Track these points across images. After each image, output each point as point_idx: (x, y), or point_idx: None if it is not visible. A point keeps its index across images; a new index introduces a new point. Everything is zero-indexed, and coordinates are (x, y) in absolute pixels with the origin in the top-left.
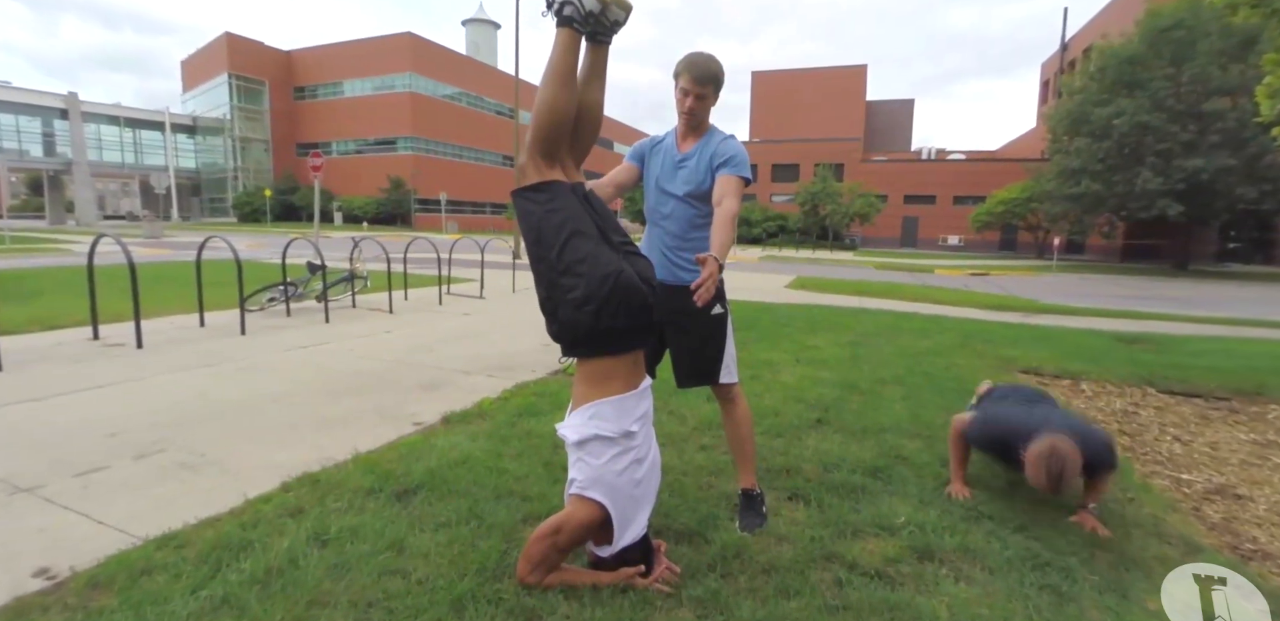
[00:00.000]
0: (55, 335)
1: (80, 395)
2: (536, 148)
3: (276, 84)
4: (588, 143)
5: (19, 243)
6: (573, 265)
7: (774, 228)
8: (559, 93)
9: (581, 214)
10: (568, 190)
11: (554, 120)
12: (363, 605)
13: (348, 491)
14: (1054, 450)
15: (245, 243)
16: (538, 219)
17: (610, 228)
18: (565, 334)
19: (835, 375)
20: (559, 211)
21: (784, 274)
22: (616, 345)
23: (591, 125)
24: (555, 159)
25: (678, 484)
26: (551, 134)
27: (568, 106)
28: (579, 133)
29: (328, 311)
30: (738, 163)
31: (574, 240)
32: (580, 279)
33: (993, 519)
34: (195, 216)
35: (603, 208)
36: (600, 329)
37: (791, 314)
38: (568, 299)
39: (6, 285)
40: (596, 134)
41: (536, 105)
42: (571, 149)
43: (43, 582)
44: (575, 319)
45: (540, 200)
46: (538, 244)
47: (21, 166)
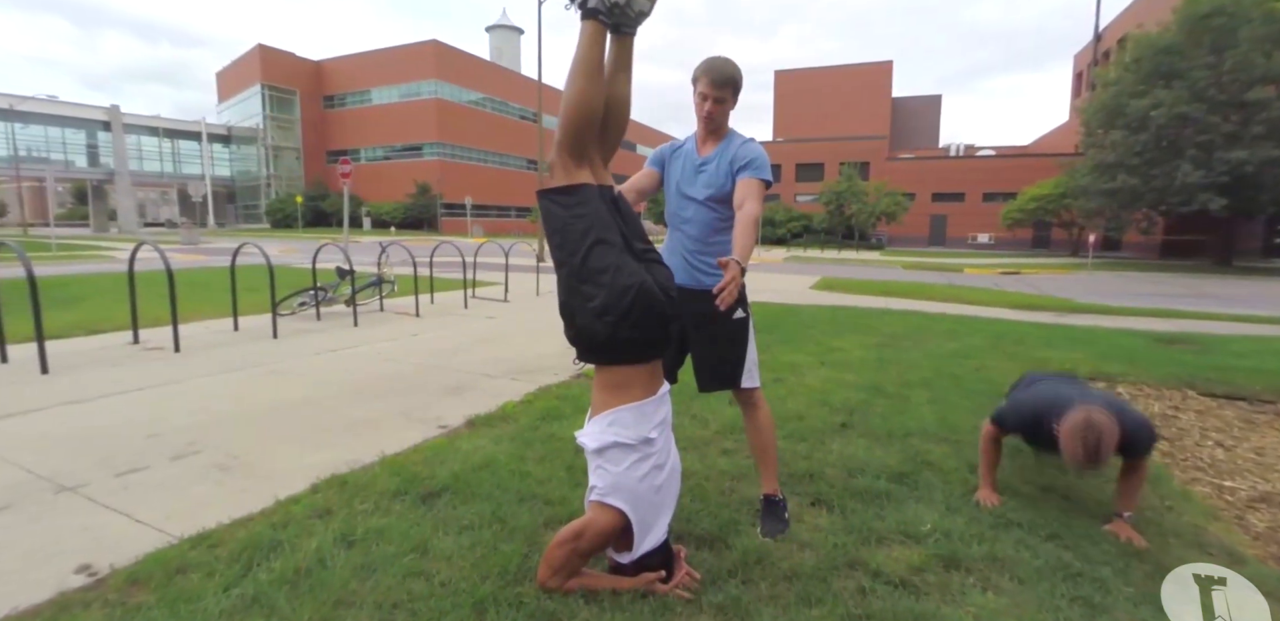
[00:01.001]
0: (98, 339)
1: (121, 397)
2: (565, 145)
3: (307, 93)
4: (615, 138)
5: (65, 250)
6: (594, 274)
7: (798, 228)
8: (587, 87)
9: (607, 220)
10: (595, 194)
11: (583, 115)
12: (387, 606)
13: (374, 493)
14: (1090, 421)
15: (277, 248)
16: (562, 223)
17: (634, 234)
18: (582, 340)
19: (860, 378)
20: (584, 217)
21: (808, 275)
22: (632, 355)
23: (619, 120)
24: (584, 157)
25: (699, 488)
26: (581, 130)
27: (596, 101)
28: (607, 128)
29: (356, 315)
30: (758, 165)
31: (597, 248)
32: (601, 289)
33: (1022, 527)
34: (230, 223)
35: (629, 212)
36: (617, 339)
37: (816, 315)
38: (587, 307)
39: (53, 291)
40: (624, 129)
41: (564, 101)
42: (599, 145)
43: (85, 579)
44: (593, 328)
45: (566, 203)
46: (560, 248)
47: (68, 177)
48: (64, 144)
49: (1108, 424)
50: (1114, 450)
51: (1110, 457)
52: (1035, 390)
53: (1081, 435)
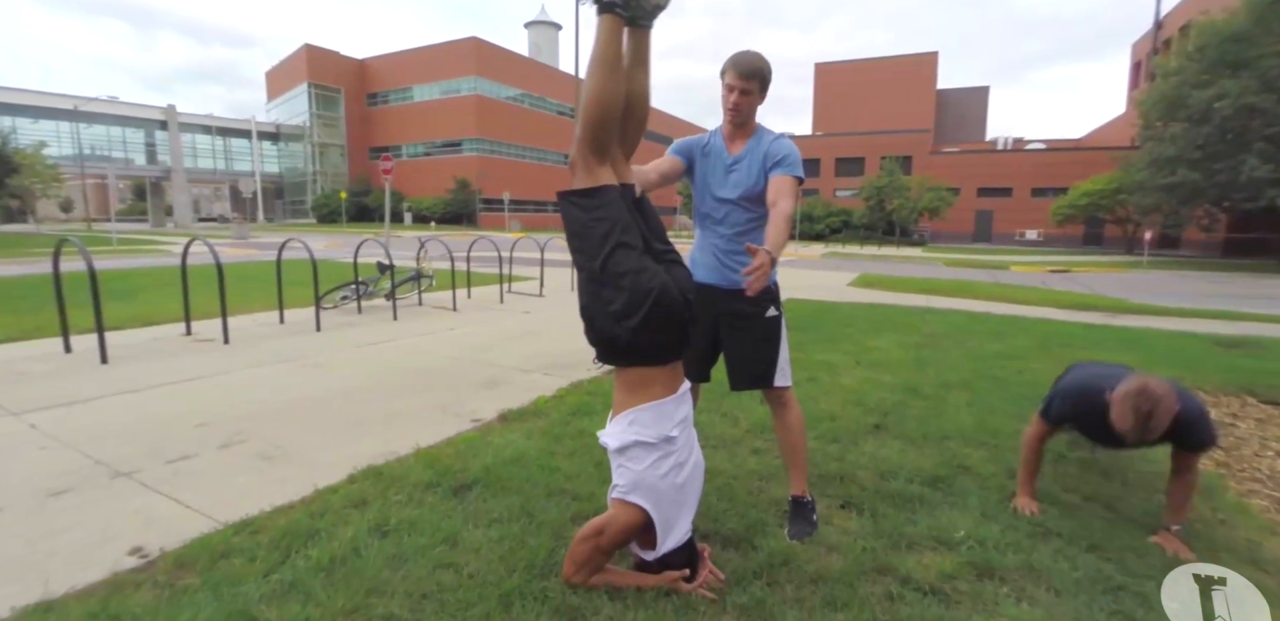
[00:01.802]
0: (153, 330)
1: (174, 387)
2: (586, 142)
3: (351, 91)
4: (636, 134)
5: (125, 244)
6: (614, 278)
7: (837, 223)
8: (606, 82)
9: (628, 222)
10: (616, 195)
11: (603, 111)
12: (417, 596)
13: (408, 485)
14: (1145, 389)
15: (323, 242)
16: (581, 225)
17: (655, 234)
18: (602, 343)
19: (897, 378)
20: (604, 220)
21: (847, 271)
22: (651, 358)
23: (639, 115)
24: (606, 154)
25: (727, 487)
26: (601, 127)
27: (616, 96)
28: (627, 124)
29: (395, 309)
30: (791, 162)
31: (618, 252)
32: (621, 292)
33: (1062, 536)
34: (278, 218)
35: (650, 211)
36: (637, 342)
37: (854, 313)
38: (607, 311)
39: (113, 284)
40: (644, 124)
41: (584, 98)
42: (621, 141)
43: (136, 561)
44: (612, 331)
45: (586, 206)
46: (579, 252)
47: (128, 174)
48: (124, 143)
49: (1165, 394)
50: (1167, 423)
51: (1161, 431)
52: (1084, 370)
53: (1134, 401)
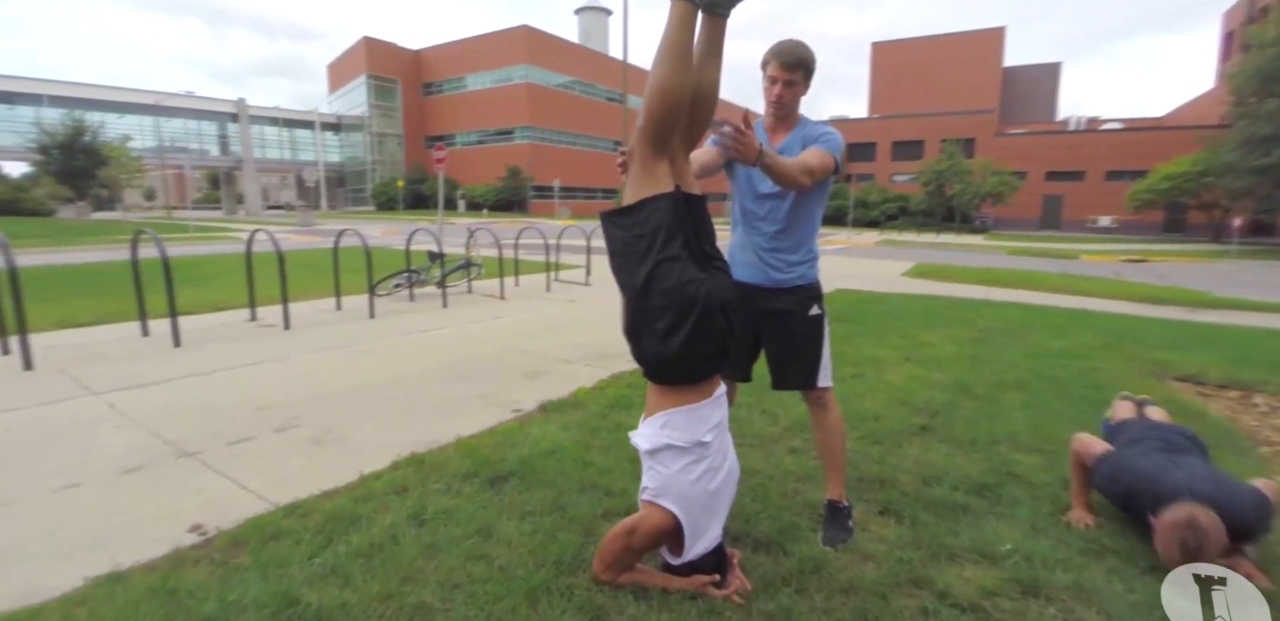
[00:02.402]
0: (222, 316)
1: (238, 371)
2: (647, 135)
3: (407, 81)
4: (702, 126)
5: (200, 231)
6: (659, 294)
7: (894, 210)
8: (673, 73)
9: (671, 231)
10: (663, 203)
11: (667, 104)
12: (449, 586)
13: (447, 474)
14: (1192, 523)
15: (381, 229)
16: (622, 244)
17: (705, 237)
18: (648, 362)
19: (948, 376)
20: (643, 237)
21: (902, 260)
22: (696, 374)
23: (707, 107)
24: (665, 148)
25: (761, 488)
26: (664, 120)
27: (682, 88)
28: (693, 116)
29: (445, 297)
30: (829, 141)
31: (660, 267)
32: (667, 310)
33: (1118, 555)
34: (340, 206)
35: (701, 213)
36: (684, 358)
37: (906, 306)
38: (653, 329)
39: (187, 270)
40: (711, 116)
41: (648, 88)
42: (684, 134)
43: (195, 538)
44: (659, 350)
45: (626, 224)
46: (622, 270)
47: (203, 164)
48: (199, 135)
49: (1213, 530)
50: (1216, 555)
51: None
52: (1138, 464)
53: (1180, 535)
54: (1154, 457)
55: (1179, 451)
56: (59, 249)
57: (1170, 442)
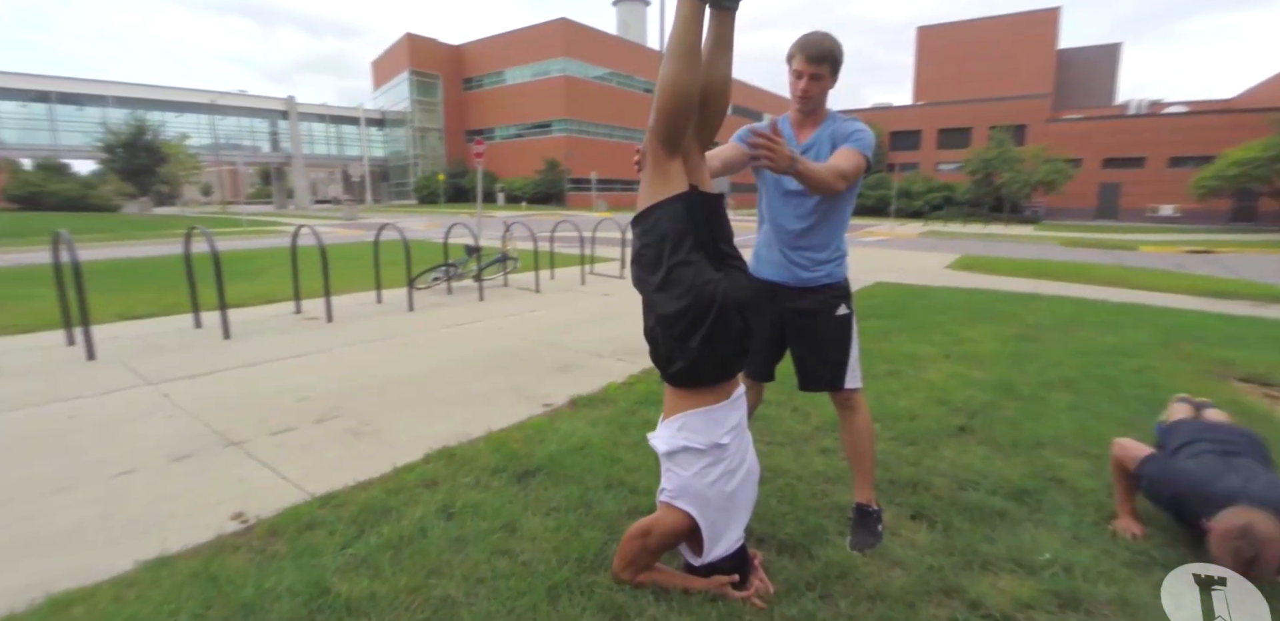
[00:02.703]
0: (270, 308)
1: (282, 363)
2: (659, 133)
3: (448, 76)
4: (715, 122)
5: (253, 225)
6: (673, 299)
7: (938, 199)
8: (682, 71)
9: (681, 233)
10: (671, 212)
11: (677, 103)
12: (473, 580)
13: (476, 468)
14: (1249, 531)
15: (423, 223)
16: (638, 250)
17: (722, 236)
18: (667, 364)
19: (991, 375)
20: (652, 246)
21: (946, 252)
22: (715, 376)
23: (718, 104)
24: (677, 146)
25: (789, 489)
26: (674, 118)
27: (691, 86)
28: (705, 112)
29: (481, 290)
30: (860, 138)
31: (674, 272)
32: (683, 314)
33: (1166, 567)
34: (384, 200)
35: (717, 211)
36: (701, 360)
37: (948, 300)
38: (671, 332)
39: (239, 264)
40: (724, 112)
41: (658, 86)
42: (698, 130)
43: (237, 525)
44: (677, 354)
45: (638, 233)
46: (639, 278)
47: (255, 160)
48: (251, 132)
49: (1272, 536)
50: (1274, 565)
51: (1269, 575)
52: (1188, 467)
53: (1235, 544)
54: (1205, 460)
55: (1235, 453)
56: (122, 243)
57: (1226, 444)
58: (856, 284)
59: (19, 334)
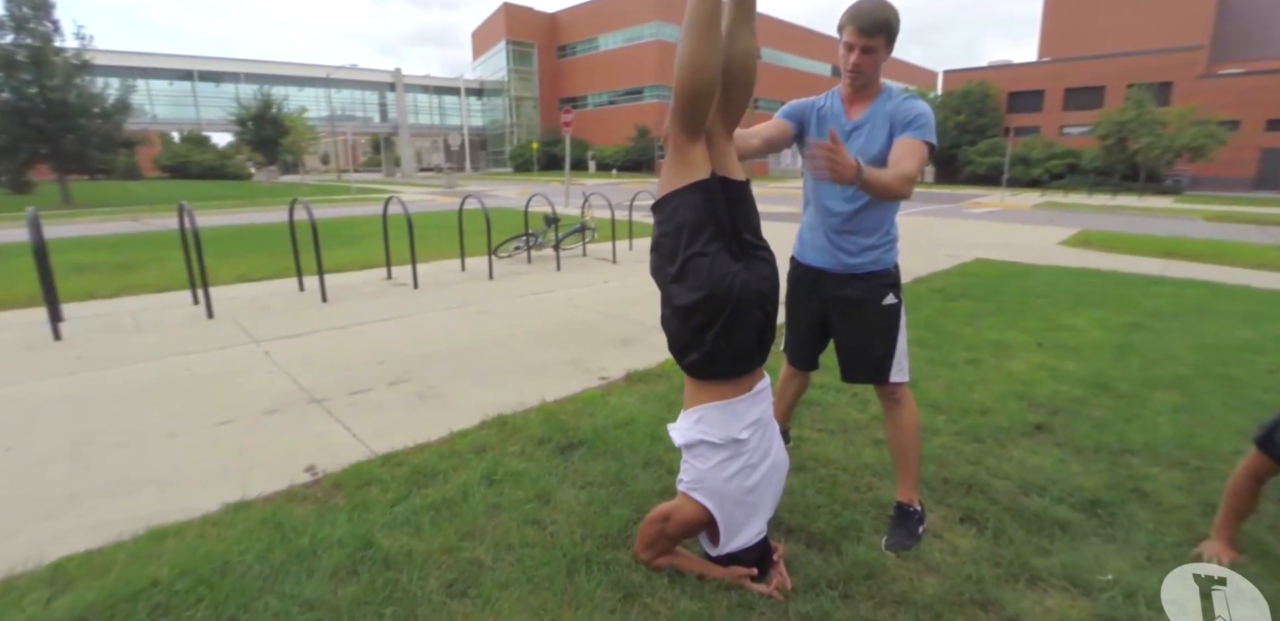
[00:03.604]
0: (365, 274)
1: (369, 326)
2: (678, 115)
3: (543, 45)
4: (740, 102)
5: (361, 193)
6: (689, 291)
7: (1060, 167)
8: (699, 47)
9: (700, 223)
10: (689, 200)
11: (695, 82)
12: (503, 546)
13: (524, 437)
14: None
15: (516, 190)
16: (656, 237)
17: (745, 224)
18: (682, 355)
19: (1086, 368)
20: (669, 235)
21: (1063, 226)
22: (732, 369)
23: (743, 81)
24: (698, 129)
25: (830, 480)
26: (694, 99)
27: (711, 64)
28: (729, 91)
29: (559, 260)
30: (923, 124)
31: (690, 263)
32: (699, 306)
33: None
34: (482, 168)
35: (741, 199)
36: (716, 354)
37: (1053, 280)
38: (687, 324)
39: (343, 231)
40: (750, 91)
41: (676, 65)
42: (722, 111)
43: (308, 477)
44: (693, 346)
45: (658, 220)
46: (656, 268)
47: (365, 131)
48: (363, 104)
49: None
50: None
51: None
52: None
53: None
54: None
55: None
56: (250, 209)
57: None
58: (952, 260)
59: (156, 293)
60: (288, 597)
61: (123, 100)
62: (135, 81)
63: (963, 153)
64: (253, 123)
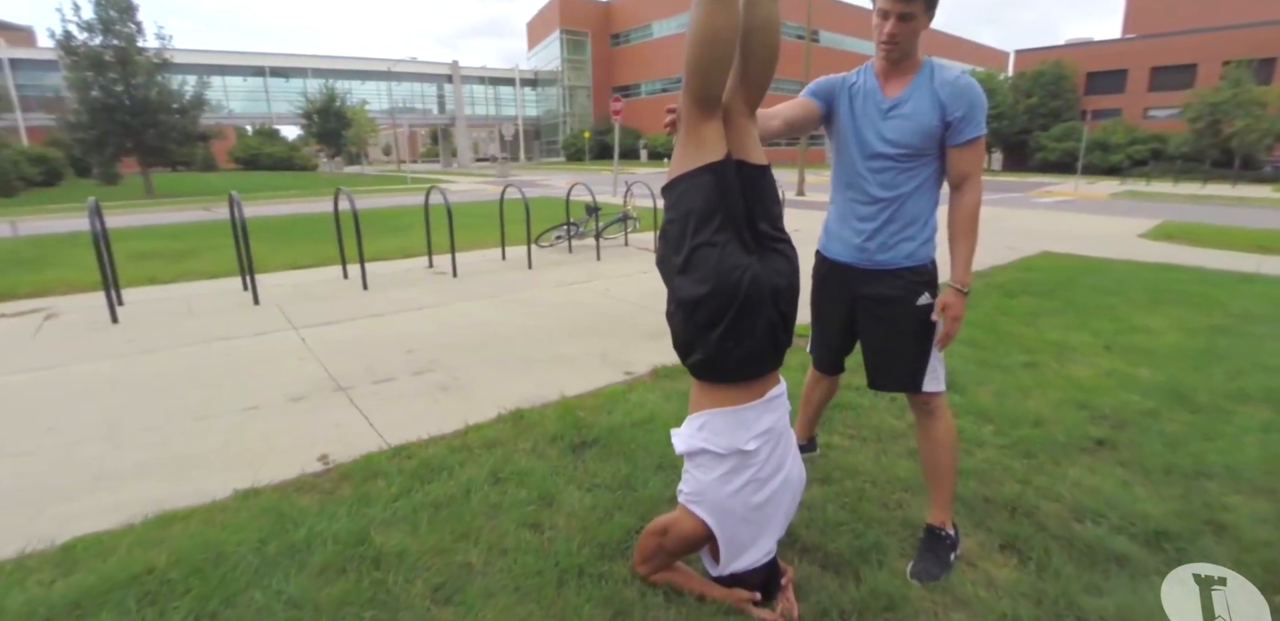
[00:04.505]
0: (408, 262)
1: (403, 315)
2: (690, 90)
3: (596, 33)
4: (762, 76)
5: (415, 182)
6: (695, 283)
7: (1144, 153)
8: (711, 13)
9: (706, 215)
10: (699, 183)
11: (706, 54)
12: (497, 550)
13: (537, 434)
14: None
15: (565, 180)
16: (664, 223)
17: (762, 213)
18: (685, 354)
19: (1161, 375)
20: (675, 221)
21: (1143, 216)
22: (740, 372)
23: (764, 53)
24: (712, 105)
25: (857, 493)
26: (706, 72)
27: (724, 32)
28: (748, 64)
29: (599, 249)
30: (979, 117)
31: (697, 254)
32: (704, 300)
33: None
34: (536, 157)
35: (764, 187)
36: (722, 354)
37: (1129, 276)
38: (692, 321)
39: (390, 220)
40: (772, 64)
41: (687, 33)
42: (741, 86)
43: (320, 466)
44: (696, 345)
45: (667, 204)
46: (662, 259)
47: (424, 122)
48: (422, 96)
49: None
50: None
51: None
52: None
53: None
54: None
55: None
56: (309, 199)
57: None
58: (1015, 253)
59: (211, 279)
60: (273, 593)
61: (198, 96)
62: (212, 78)
63: (1033, 138)
64: (318, 116)
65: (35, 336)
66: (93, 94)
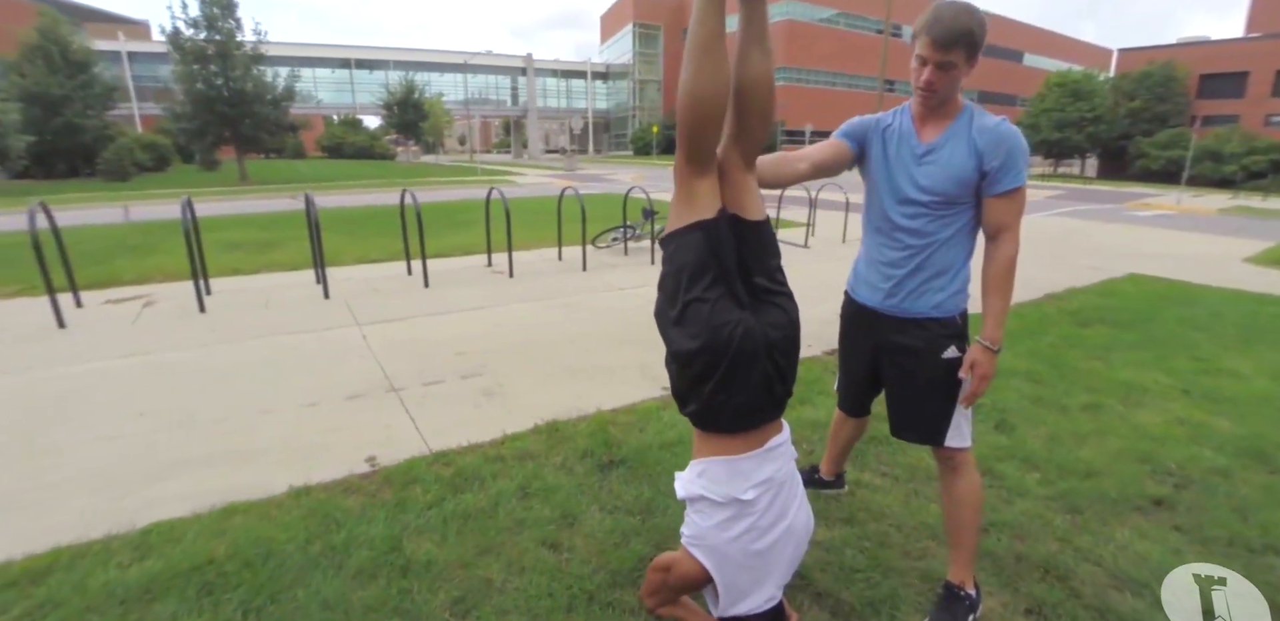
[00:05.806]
0: (467, 259)
1: (459, 315)
2: (681, 147)
3: (670, 27)
4: (758, 131)
5: (486, 174)
6: (688, 337)
7: (1262, 164)
8: (701, 73)
9: (698, 271)
10: (691, 241)
11: (697, 113)
12: (516, 568)
13: (569, 448)
14: None
15: (631, 174)
16: (661, 275)
17: (758, 268)
18: (680, 403)
19: (1241, 429)
20: (669, 275)
21: (1253, 237)
22: (736, 424)
23: (758, 108)
24: (704, 163)
25: (879, 537)
26: (696, 131)
27: (714, 92)
28: (744, 119)
29: (653, 254)
30: (1019, 168)
31: (689, 308)
32: (698, 354)
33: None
34: (604, 150)
35: (755, 239)
36: (720, 409)
37: (1223, 308)
38: (688, 373)
39: (460, 214)
40: (768, 118)
41: (679, 91)
42: (737, 141)
43: (367, 468)
44: (692, 396)
45: (664, 258)
46: (659, 311)
47: (497, 114)
48: (496, 88)
49: None
50: None
51: None
52: None
53: None
54: None
55: None
56: (385, 189)
57: None
58: (1098, 274)
59: (289, 271)
60: (312, 592)
61: (289, 88)
62: (301, 70)
63: (1134, 144)
64: (397, 107)
65: (134, 323)
66: (196, 86)
